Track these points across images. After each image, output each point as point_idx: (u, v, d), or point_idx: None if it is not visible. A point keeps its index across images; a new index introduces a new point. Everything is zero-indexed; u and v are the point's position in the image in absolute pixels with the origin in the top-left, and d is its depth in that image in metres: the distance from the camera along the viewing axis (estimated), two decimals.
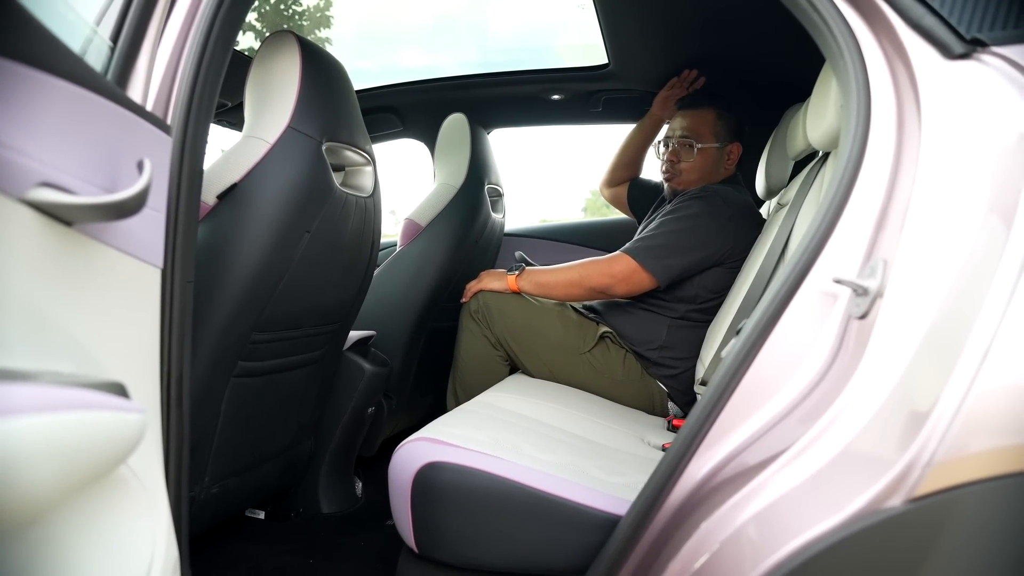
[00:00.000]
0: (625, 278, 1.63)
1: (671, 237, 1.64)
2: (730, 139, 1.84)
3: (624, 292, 1.67)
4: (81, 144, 0.59)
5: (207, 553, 1.40)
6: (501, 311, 1.74)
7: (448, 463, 1.02)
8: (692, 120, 1.83)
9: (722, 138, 1.82)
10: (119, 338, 0.66)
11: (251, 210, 1.14)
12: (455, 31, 3.86)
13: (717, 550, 0.74)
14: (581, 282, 1.66)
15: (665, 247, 1.64)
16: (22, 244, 0.51)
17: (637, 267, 1.62)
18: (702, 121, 1.82)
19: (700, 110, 1.83)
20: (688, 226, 1.65)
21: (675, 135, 1.85)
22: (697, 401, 1.30)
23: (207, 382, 1.17)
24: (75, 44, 0.77)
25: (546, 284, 1.71)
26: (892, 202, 0.76)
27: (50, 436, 0.42)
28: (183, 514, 0.80)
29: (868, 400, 0.69)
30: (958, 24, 0.74)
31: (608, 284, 1.64)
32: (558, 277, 1.70)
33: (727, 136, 1.83)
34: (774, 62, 1.97)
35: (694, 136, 1.81)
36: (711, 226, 1.65)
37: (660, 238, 1.64)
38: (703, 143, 1.80)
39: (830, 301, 0.78)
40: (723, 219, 1.65)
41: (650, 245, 1.64)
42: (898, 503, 0.63)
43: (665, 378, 1.71)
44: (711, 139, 1.81)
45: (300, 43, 1.19)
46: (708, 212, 1.66)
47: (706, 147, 1.80)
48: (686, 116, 1.85)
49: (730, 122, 1.83)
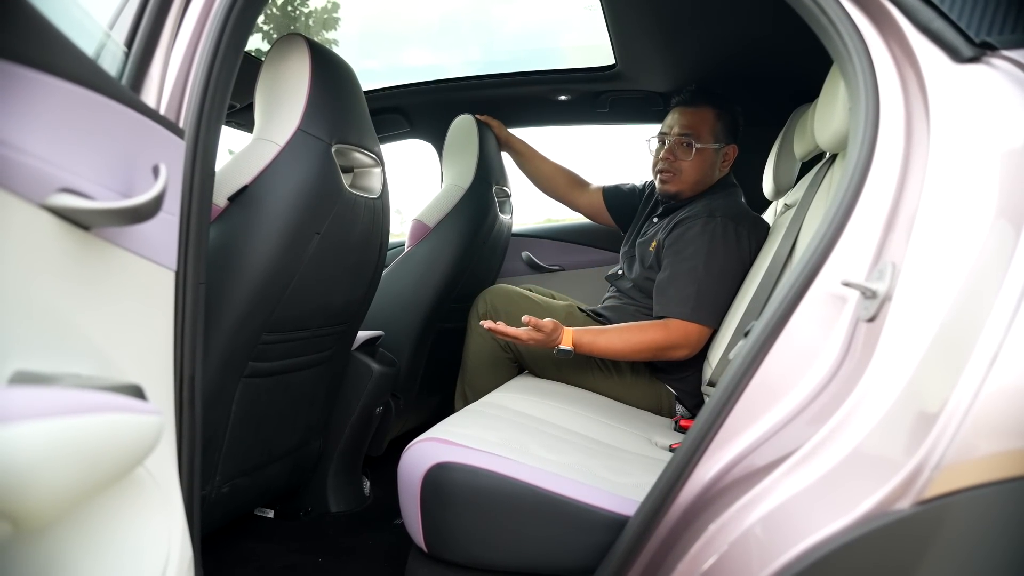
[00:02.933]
0: (698, 343, 1.58)
1: (715, 285, 1.58)
2: (727, 140, 1.79)
3: (688, 348, 1.59)
4: (98, 149, 0.59)
5: (217, 552, 1.41)
6: (509, 313, 1.75)
7: (457, 463, 1.02)
8: (691, 118, 1.76)
9: (720, 139, 1.77)
10: (134, 340, 0.67)
11: (262, 212, 1.15)
12: (460, 30, 3.86)
13: (726, 551, 0.74)
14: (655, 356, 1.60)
15: (715, 297, 1.58)
16: (43, 249, 0.52)
17: (703, 329, 1.57)
18: (702, 119, 1.76)
19: (699, 108, 1.77)
20: (720, 268, 1.60)
21: (673, 132, 1.78)
22: (705, 402, 1.30)
23: (218, 383, 1.18)
24: (91, 50, 0.78)
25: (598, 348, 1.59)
26: (900, 205, 0.76)
27: (73, 439, 0.43)
28: (195, 514, 0.81)
29: (877, 403, 0.69)
30: (967, 27, 0.74)
31: (687, 355, 1.59)
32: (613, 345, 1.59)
33: (725, 137, 1.78)
34: (782, 62, 1.97)
35: (694, 135, 1.75)
36: (730, 253, 1.61)
37: (708, 291, 1.58)
38: (702, 143, 1.75)
39: (838, 304, 0.78)
40: (733, 242, 1.62)
41: (703, 304, 1.57)
42: (907, 505, 0.63)
43: (673, 381, 1.71)
44: (710, 139, 1.76)
45: (310, 46, 1.20)
46: (723, 239, 1.61)
47: (705, 147, 1.75)
48: (685, 114, 1.78)
49: (728, 123, 1.79)
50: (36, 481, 0.41)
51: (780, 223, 1.59)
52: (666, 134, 1.81)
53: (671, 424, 1.61)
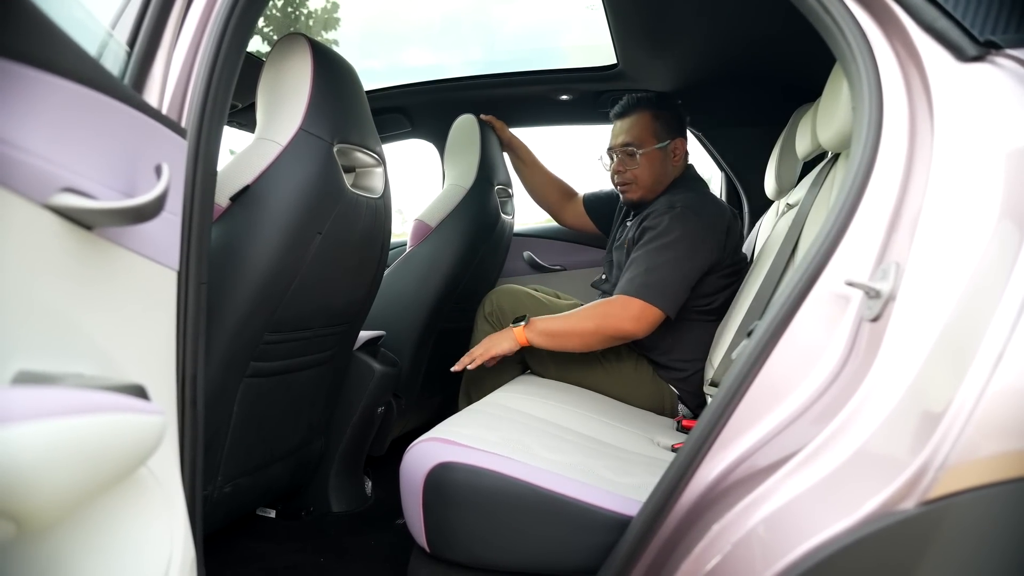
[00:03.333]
0: (641, 319, 1.58)
1: (666, 269, 1.59)
2: (671, 136, 1.79)
3: (643, 333, 1.60)
4: (101, 149, 0.59)
5: (219, 552, 1.41)
6: (516, 313, 1.75)
7: (459, 463, 1.02)
8: (629, 127, 1.80)
9: (662, 137, 1.78)
10: (136, 340, 0.66)
11: (263, 212, 1.15)
12: (461, 30, 3.86)
13: (729, 552, 0.74)
14: (598, 331, 1.59)
15: (664, 280, 1.59)
16: (45, 249, 0.52)
17: (647, 306, 1.57)
18: (639, 125, 1.79)
19: (634, 115, 1.80)
20: (675, 255, 1.60)
21: (616, 145, 1.82)
22: (708, 402, 1.30)
23: (220, 382, 1.18)
24: (94, 49, 0.78)
25: (559, 334, 1.62)
26: (904, 205, 0.76)
27: (77, 439, 0.43)
28: (197, 514, 0.81)
29: (881, 403, 0.69)
30: (971, 26, 0.74)
31: (630, 330, 1.59)
32: (571, 326, 1.62)
33: (667, 134, 1.79)
34: (783, 61, 1.97)
35: (634, 143, 1.78)
36: (693, 246, 1.61)
37: (657, 272, 1.59)
38: (644, 148, 1.77)
39: (842, 303, 0.78)
40: (699, 238, 1.62)
41: (650, 282, 1.58)
42: (911, 506, 0.63)
43: (675, 381, 1.71)
44: (652, 141, 1.78)
45: (311, 45, 1.20)
46: (687, 231, 1.61)
47: (648, 150, 1.77)
48: (622, 125, 1.82)
49: (667, 119, 1.80)
50: (40, 481, 0.41)
51: (782, 223, 1.58)
52: (612, 149, 1.85)
53: (673, 424, 1.61)
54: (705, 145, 2.57)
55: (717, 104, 2.40)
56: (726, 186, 2.65)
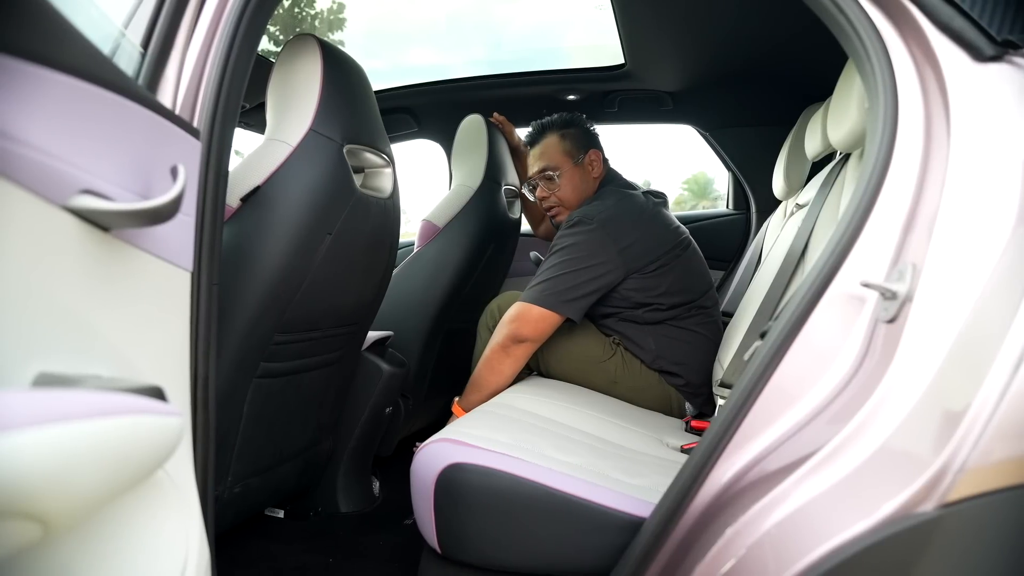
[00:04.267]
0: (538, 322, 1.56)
1: (559, 276, 1.57)
2: (584, 150, 1.81)
3: (533, 334, 1.57)
4: (118, 150, 0.59)
5: (228, 552, 1.42)
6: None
7: (470, 464, 1.02)
8: (541, 154, 1.84)
9: (574, 154, 1.81)
10: (152, 341, 0.66)
11: (274, 212, 1.15)
12: (465, 30, 3.86)
13: (744, 555, 0.74)
14: (492, 353, 1.57)
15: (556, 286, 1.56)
16: (64, 250, 0.52)
17: (526, 306, 1.56)
18: (550, 149, 1.82)
19: (543, 141, 1.84)
20: (564, 261, 1.58)
21: (534, 174, 1.86)
22: (721, 404, 1.30)
23: (231, 383, 1.19)
24: (109, 50, 0.78)
25: (475, 381, 1.60)
26: (920, 206, 0.76)
27: (99, 441, 0.43)
28: (210, 514, 0.81)
29: (898, 404, 0.69)
30: (989, 26, 0.74)
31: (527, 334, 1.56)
32: (479, 367, 1.60)
33: (579, 149, 1.81)
34: (792, 61, 1.96)
35: (550, 167, 1.81)
36: (577, 248, 1.59)
37: (551, 281, 1.57)
38: (561, 168, 1.80)
39: (857, 305, 0.78)
40: (596, 244, 1.59)
41: (544, 289, 1.56)
42: (930, 508, 0.63)
43: (676, 385, 1.70)
44: (567, 161, 1.81)
45: (321, 46, 1.20)
46: (579, 240, 1.60)
47: (565, 170, 1.80)
48: (535, 154, 1.86)
49: (576, 136, 1.83)
50: (64, 483, 0.41)
51: (791, 223, 1.58)
52: (531, 178, 1.89)
53: (682, 425, 1.60)
54: (712, 145, 2.57)
55: (724, 104, 2.40)
56: (733, 186, 2.65)
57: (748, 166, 2.53)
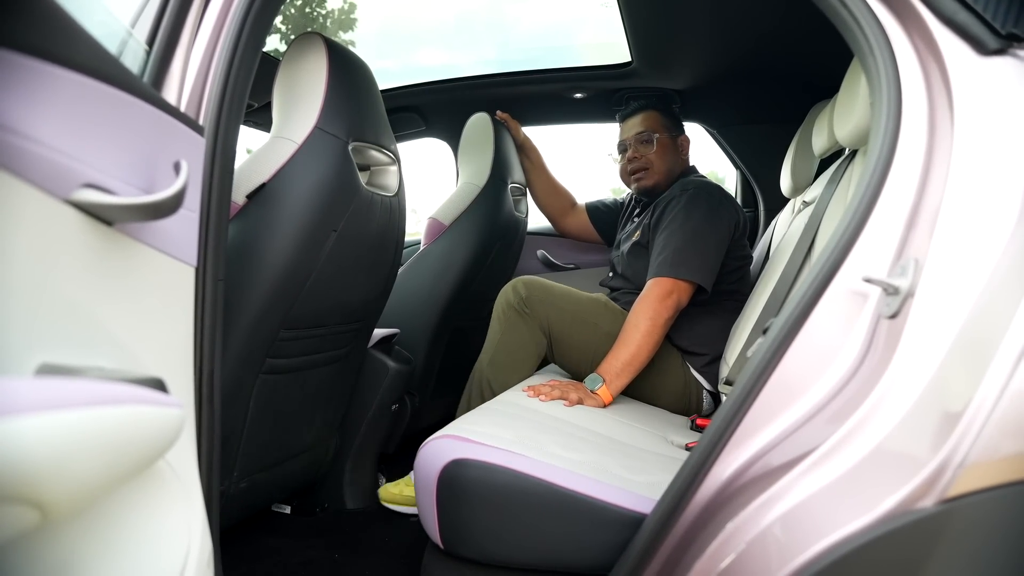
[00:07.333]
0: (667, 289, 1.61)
1: (691, 244, 1.65)
2: (678, 131, 1.96)
3: (683, 305, 1.64)
4: (122, 145, 0.60)
5: (234, 547, 1.43)
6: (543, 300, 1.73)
7: (474, 460, 1.03)
8: (642, 120, 1.95)
9: (672, 130, 1.94)
10: (155, 335, 0.67)
11: (279, 209, 1.16)
12: (474, 29, 3.87)
13: (743, 550, 0.74)
14: (653, 329, 1.59)
15: (691, 254, 1.64)
16: (67, 243, 0.53)
17: (678, 283, 1.62)
18: (651, 119, 1.94)
19: (644, 112, 1.96)
20: (696, 229, 1.67)
21: (631, 136, 1.96)
22: (723, 400, 1.29)
23: (236, 379, 1.20)
24: (114, 47, 0.79)
25: (629, 362, 1.58)
26: (923, 201, 0.75)
27: (99, 429, 0.43)
28: (214, 509, 0.82)
29: (899, 400, 0.68)
30: (993, 19, 0.73)
31: (671, 307, 1.61)
32: (630, 344, 1.58)
33: (675, 128, 1.96)
34: (799, 59, 1.95)
35: (649, 131, 1.93)
36: (706, 218, 1.69)
37: (684, 249, 1.64)
38: (659, 135, 1.92)
39: (859, 300, 0.77)
40: (707, 209, 1.70)
41: (678, 260, 1.63)
42: (930, 504, 0.62)
43: (699, 367, 1.70)
44: (664, 131, 1.93)
45: (327, 45, 1.21)
46: (704, 208, 1.70)
47: (663, 137, 1.92)
48: (634, 120, 1.97)
49: (672, 116, 1.97)
50: (63, 470, 0.41)
51: (798, 220, 1.57)
52: (625, 141, 1.99)
53: (687, 423, 1.60)
54: (720, 143, 2.55)
55: (732, 101, 2.39)
56: (741, 184, 2.63)
57: (756, 164, 2.52)
